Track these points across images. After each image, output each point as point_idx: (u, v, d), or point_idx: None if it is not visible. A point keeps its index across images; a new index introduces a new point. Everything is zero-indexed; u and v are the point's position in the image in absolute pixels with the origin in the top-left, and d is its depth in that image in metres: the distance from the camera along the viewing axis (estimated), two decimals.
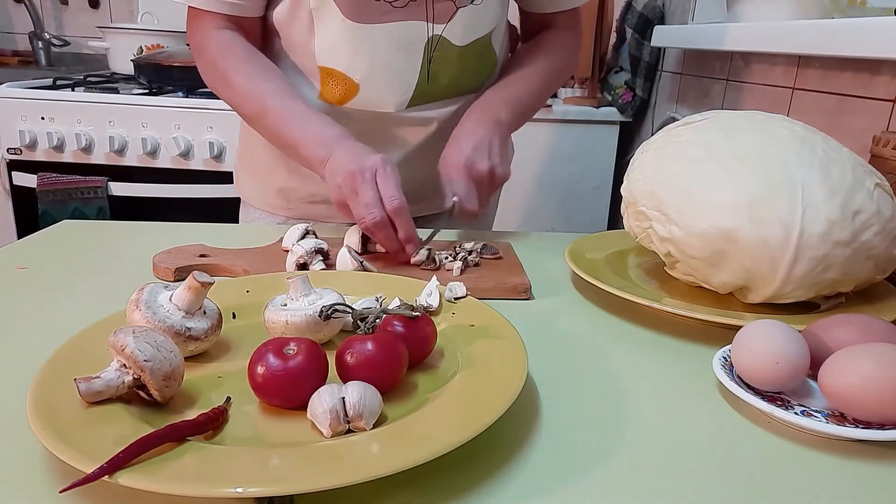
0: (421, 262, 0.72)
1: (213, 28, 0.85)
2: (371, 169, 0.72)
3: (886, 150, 0.70)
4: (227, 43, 0.84)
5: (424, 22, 0.83)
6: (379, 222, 0.71)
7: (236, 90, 0.84)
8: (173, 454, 0.36)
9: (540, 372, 0.52)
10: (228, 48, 0.84)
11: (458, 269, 0.70)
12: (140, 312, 0.47)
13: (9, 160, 1.70)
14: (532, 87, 0.93)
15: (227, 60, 0.84)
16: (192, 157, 1.71)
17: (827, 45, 0.92)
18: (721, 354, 0.52)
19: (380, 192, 0.72)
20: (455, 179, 0.80)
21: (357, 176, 0.72)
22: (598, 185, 1.94)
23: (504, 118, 0.87)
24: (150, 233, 0.83)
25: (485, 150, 0.82)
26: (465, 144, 0.82)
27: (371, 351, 0.44)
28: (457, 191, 0.79)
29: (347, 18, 0.81)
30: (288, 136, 0.81)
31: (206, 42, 0.85)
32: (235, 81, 0.83)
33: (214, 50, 0.85)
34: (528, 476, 0.40)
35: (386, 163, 0.73)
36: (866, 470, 0.42)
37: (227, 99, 0.87)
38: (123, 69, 2.05)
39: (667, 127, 0.69)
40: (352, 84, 0.86)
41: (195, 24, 0.86)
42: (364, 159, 0.73)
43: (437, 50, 0.86)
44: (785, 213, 0.56)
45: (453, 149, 0.82)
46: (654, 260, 0.74)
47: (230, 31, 0.85)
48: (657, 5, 1.75)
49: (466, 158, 0.80)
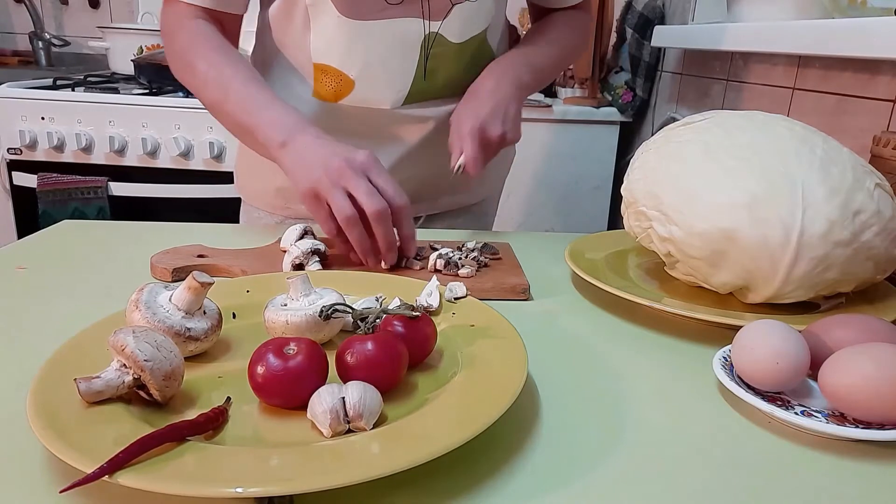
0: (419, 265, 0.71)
1: (187, 17, 0.83)
2: (361, 165, 0.69)
3: (886, 150, 0.70)
4: (200, 32, 0.83)
5: (420, 19, 0.83)
6: (382, 211, 0.67)
7: (199, 77, 0.81)
8: (173, 454, 0.36)
9: (540, 372, 0.52)
10: (200, 37, 0.82)
11: (472, 272, 0.69)
12: (140, 312, 0.47)
13: (9, 160, 1.70)
14: (553, 56, 0.93)
15: (195, 48, 0.82)
16: (192, 157, 1.71)
17: (827, 45, 0.92)
18: (721, 354, 0.52)
19: (377, 188, 0.69)
20: (466, 140, 0.78)
21: (345, 170, 0.68)
22: (598, 185, 1.94)
23: (525, 81, 0.86)
24: (150, 233, 0.83)
25: (500, 113, 0.81)
26: (484, 105, 0.81)
27: (371, 351, 0.44)
28: (465, 152, 0.78)
29: (343, 15, 0.81)
30: (246, 121, 0.78)
31: (176, 29, 0.84)
32: (200, 68, 0.81)
33: (184, 37, 0.83)
34: (528, 476, 0.40)
35: (376, 160, 0.71)
36: (866, 470, 0.42)
37: (191, 86, 0.84)
38: (123, 69, 2.05)
39: (667, 127, 0.69)
40: (347, 80, 0.86)
41: (170, 9, 0.84)
42: (350, 153, 0.70)
43: (434, 47, 0.86)
44: (785, 213, 0.56)
45: (470, 106, 0.81)
46: (654, 260, 0.74)
47: (205, 21, 0.84)
48: (657, 5, 1.75)
49: (482, 121, 0.79)
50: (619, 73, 1.93)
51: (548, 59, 0.92)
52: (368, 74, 0.85)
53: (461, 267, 0.70)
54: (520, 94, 0.84)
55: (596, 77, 1.95)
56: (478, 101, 0.82)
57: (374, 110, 0.88)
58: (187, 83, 0.85)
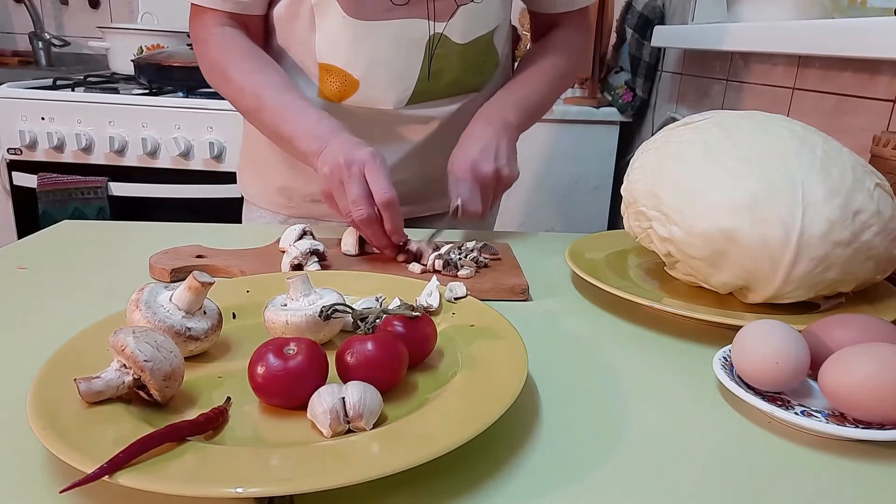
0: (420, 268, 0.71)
1: (214, 25, 0.85)
2: (359, 162, 0.72)
3: (886, 150, 0.70)
4: (228, 39, 0.85)
5: (425, 20, 0.84)
6: (366, 219, 0.71)
7: (234, 85, 0.84)
8: (173, 454, 0.36)
9: (540, 372, 0.52)
10: (229, 44, 0.84)
11: (471, 273, 0.69)
12: (140, 312, 0.47)
13: (9, 160, 1.70)
14: (541, 88, 0.93)
15: (226, 56, 0.84)
16: (192, 158, 1.71)
17: (827, 45, 0.92)
18: (721, 354, 0.52)
19: (369, 185, 0.72)
20: (460, 181, 0.80)
21: (343, 169, 0.72)
22: (598, 185, 1.94)
23: (513, 120, 0.87)
24: (150, 233, 0.83)
25: (491, 152, 0.82)
26: (473, 147, 0.82)
27: (371, 351, 0.44)
28: (460, 192, 0.80)
29: (348, 15, 0.81)
30: (283, 130, 0.81)
31: (207, 38, 0.86)
32: (233, 77, 0.83)
33: (214, 46, 0.85)
34: (528, 476, 0.40)
35: (375, 156, 0.73)
36: (866, 470, 0.42)
37: (226, 94, 0.87)
38: (123, 69, 2.05)
39: (667, 127, 0.69)
40: (351, 80, 0.86)
41: (197, 21, 0.86)
42: (353, 152, 0.73)
43: (439, 48, 0.86)
44: (785, 213, 0.56)
45: (460, 151, 0.83)
46: (654, 260, 0.74)
47: (231, 27, 0.85)
48: (657, 5, 1.75)
49: (472, 161, 0.81)
50: (619, 73, 1.93)
51: (535, 93, 0.92)
52: (373, 75, 0.86)
53: (460, 268, 0.70)
54: (508, 132, 0.85)
55: (596, 77, 1.95)
56: (466, 146, 0.83)
57: (378, 110, 0.88)
58: (223, 93, 0.87)
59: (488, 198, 0.83)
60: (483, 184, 0.81)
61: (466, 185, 0.80)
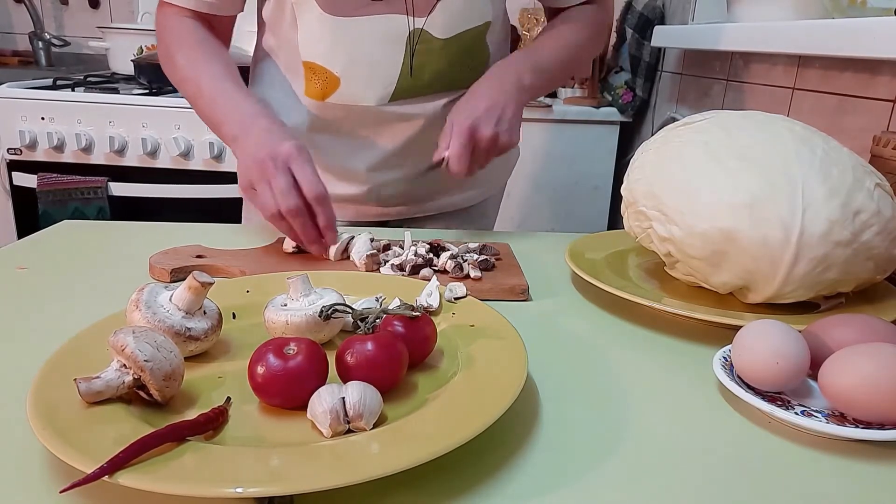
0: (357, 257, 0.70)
1: (174, 15, 0.86)
2: (284, 156, 0.70)
3: (886, 150, 0.70)
4: (185, 30, 0.85)
5: (404, 15, 0.83)
6: (294, 209, 0.69)
7: (179, 73, 0.84)
8: (173, 454, 0.36)
9: (540, 372, 0.52)
10: (183, 35, 0.85)
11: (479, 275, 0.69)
12: (140, 312, 0.47)
13: (9, 160, 1.70)
14: (561, 56, 0.90)
15: (177, 45, 0.85)
16: (192, 158, 1.71)
17: (827, 45, 0.92)
18: (721, 354, 0.52)
19: (296, 179, 0.70)
20: (455, 135, 0.77)
21: (268, 163, 0.70)
22: (598, 185, 1.94)
23: (527, 81, 0.84)
24: (150, 233, 0.83)
25: (495, 114, 0.79)
26: (479, 104, 0.79)
27: (371, 351, 0.44)
28: (451, 148, 0.77)
29: (325, 12, 0.81)
30: (214, 116, 0.80)
31: (166, 26, 0.86)
32: (179, 64, 0.84)
33: (171, 35, 0.86)
34: (528, 476, 0.40)
35: (300, 150, 0.71)
36: (866, 470, 0.42)
37: (174, 82, 0.87)
38: (123, 69, 2.05)
39: (667, 127, 0.69)
40: (332, 78, 0.86)
41: (160, 11, 0.87)
42: (276, 146, 0.70)
43: (420, 43, 0.85)
44: (785, 213, 0.56)
45: (466, 105, 0.80)
46: (654, 260, 0.74)
47: (192, 20, 0.86)
48: (657, 5, 1.75)
49: (474, 119, 0.78)
50: (619, 73, 1.93)
51: (555, 59, 0.89)
52: (353, 71, 0.85)
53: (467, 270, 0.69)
54: (520, 95, 0.82)
55: (596, 77, 1.95)
56: (474, 100, 0.80)
57: (361, 108, 0.87)
58: (172, 81, 0.87)
59: (479, 159, 0.80)
60: (478, 146, 0.78)
61: (461, 141, 0.77)
